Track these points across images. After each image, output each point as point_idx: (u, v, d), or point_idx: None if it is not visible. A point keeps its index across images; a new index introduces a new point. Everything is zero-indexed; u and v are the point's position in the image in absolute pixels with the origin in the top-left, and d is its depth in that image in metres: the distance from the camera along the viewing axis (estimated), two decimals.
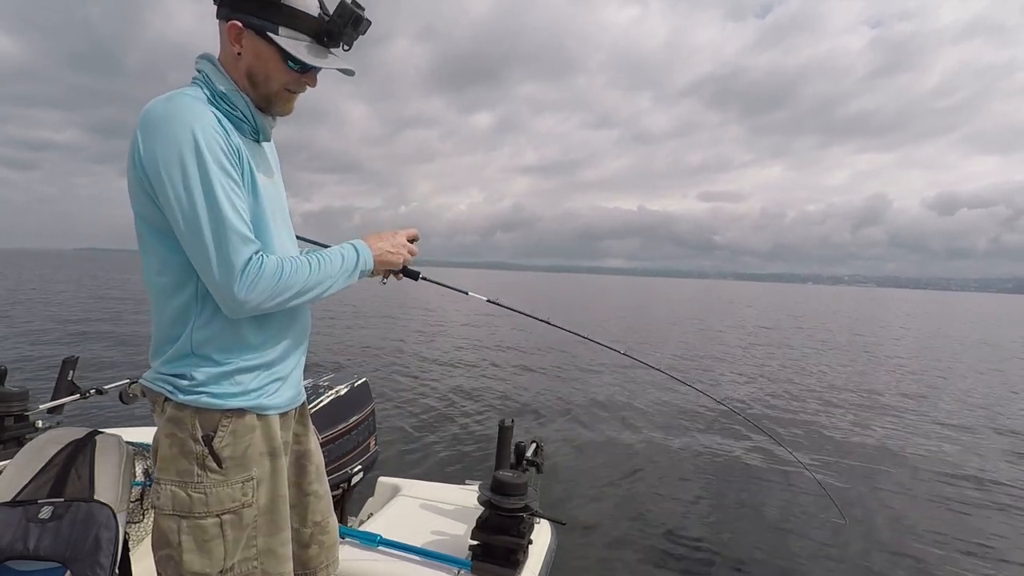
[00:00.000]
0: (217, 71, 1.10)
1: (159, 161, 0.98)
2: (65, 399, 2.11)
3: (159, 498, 1.08)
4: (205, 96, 1.07)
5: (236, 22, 1.06)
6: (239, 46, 1.08)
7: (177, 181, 0.98)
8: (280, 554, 1.16)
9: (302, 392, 1.29)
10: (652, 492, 4.55)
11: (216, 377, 1.08)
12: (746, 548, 3.65)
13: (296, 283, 1.06)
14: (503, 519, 1.67)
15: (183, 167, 0.98)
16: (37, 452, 1.36)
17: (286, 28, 1.06)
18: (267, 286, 1.02)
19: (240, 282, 1.00)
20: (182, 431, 1.07)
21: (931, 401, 8.66)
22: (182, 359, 1.08)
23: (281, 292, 1.05)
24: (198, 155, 0.98)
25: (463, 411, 6.76)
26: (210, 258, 0.99)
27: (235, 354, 1.10)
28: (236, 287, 1.00)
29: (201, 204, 0.98)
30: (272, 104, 1.16)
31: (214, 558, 1.07)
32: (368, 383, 2.59)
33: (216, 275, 0.99)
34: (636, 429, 6.37)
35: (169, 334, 1.09)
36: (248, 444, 1.11)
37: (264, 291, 1.02)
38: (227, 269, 0.99)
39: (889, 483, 4.96)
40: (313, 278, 1.09)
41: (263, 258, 1.03)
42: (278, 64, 1.10)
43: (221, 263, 0.99)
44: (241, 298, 1.00)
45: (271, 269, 1.03)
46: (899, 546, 3.75)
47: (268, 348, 1.15)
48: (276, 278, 1.04)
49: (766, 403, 8.01)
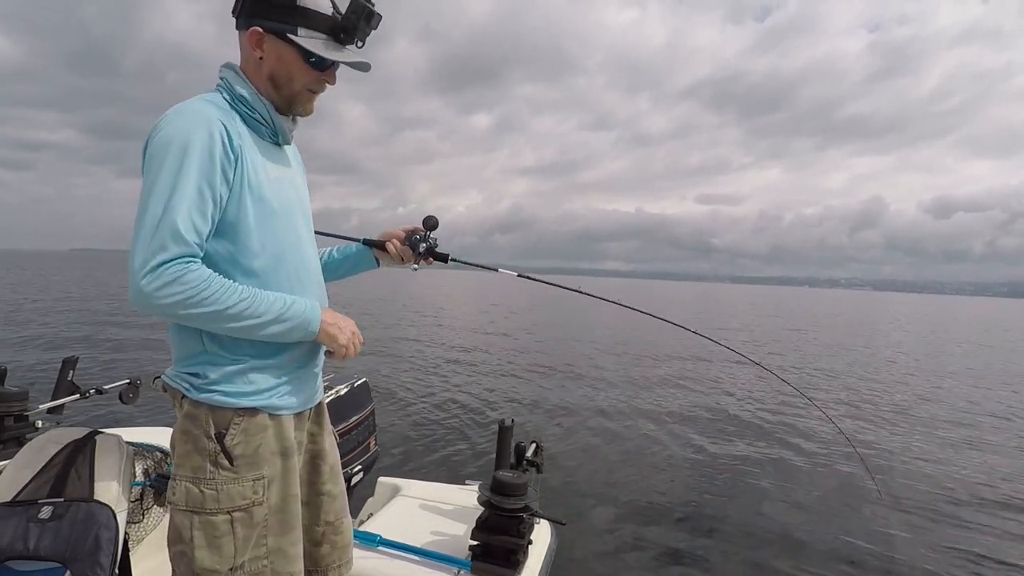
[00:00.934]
0: (238, 77, 1.15)
1: (151, 149, 1.03)
2: (65, 399, 2.11)
3: (174, 493, 1.10)
4: (225, 100, 1.12)
5: (256, 28, 1.11)
6: (260, 51, 1.12)
7: (154, 166, 1.01)
8: (290, 554, 1.16)
9: (319, 392, 1.29)
10: (653, 492, 4.54)
11: (229, 375, 1.10)
12: (747, 548, 3.64)
13: (215, 303, 1.02)
14: (503, 519, 1.67)
15: (164, 156, 1.01)
16: (37, 452, 1.36)
17: (304, 28, 1.10)
18: (178, 291, 0.98)
19: (148, 277, 0.97)
20: (196, 428, 1.10)
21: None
22: (196, 356, 1.11)
23: (194, 305, 1.00)
24: (184, 150, 1.01)
25: (463, 411, 6.76)
26: (136, 241, 0.99)
27: (246, 352, 1.11)
28: (143, 280, 0.97)
29: (158, 191, 0.99)
30: (295, 105, 1.20)
31: (224, 555, 1.08)
32: (368, 383, 2.60)
33: (133, 259, 0.98)
34: (637, 429, 6.37)
35: (183, 332, 1.11)
36: (260, 443, 1.12)
37: (173, 295, 0.98)
38: (143, 259, 0.98)
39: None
40: (240, 307, 1.04)
41: (190, 264, 1.00)
42: (299, 64, 1.14)
43: (141, 251, 0.98)
44: (145, 291, 0.98)
45: (194, 278, 1.00)
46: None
47: (283, 347, 1.15)
48: (194, 289, 0.99)
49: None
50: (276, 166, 1.18)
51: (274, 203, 1.14)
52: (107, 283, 30.06)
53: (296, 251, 1.19)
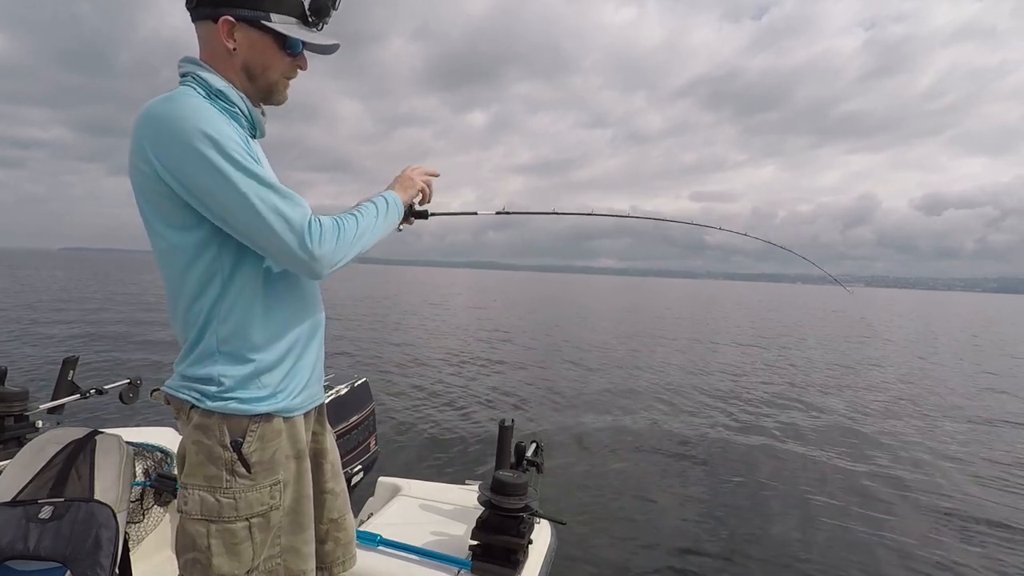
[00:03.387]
0: (208, 70, 1.08)
1: (182, 155, 0.97)
2: (65, 399, 2.11)
3: (186, 503, 1.07)
4: (201, 96, 1.06)
5: (228, 17, 1.06)
6: (232, 41, 1.08)
7: (208, 168, 0.97)
8: (303, 552, 1.16)
9: (321, 389, 1.29)
10: (653, 492, 4.54)
11: (242, 381, 1.07)
12: (748, 547, 3.64)
13: (351, 231, 1.08)
14: (503, 519, 1.67)
15: (207, 154, 0.96)
16: (37, 452, 1.36)
17: (276, 14, 1.08)
18: (332, 238, 1.04)
19: (312, 239, 1.01)
20: (209, 438, 1.06)
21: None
22: (207, 358, 1.07)
23: (347, 241, 1.07)
24: (216, 142, 0.97)
25: (463, 411, 6.76)
26: (272, 227, 0.99)
27: (258, 349, 1.09)
28: (312, 244, 1.00)
29: (241, 180, 0.98)
30: (272, 95, 1.17)
31: (243, 560, 1.07)
32: (368, 383, 2.60)
33: (286, 240, 0.99)
34: (637, 429, 6.37)
35: (194, 335, 1.08)
36: (276, 448, 1.11)
37: (332, 243, 1.04)
38: (297, 230, 1.00)
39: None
40: (362, 225, 1.12)
41: (316, 216, 1.05)
42: (275, 52, 1.11)
43: (286, 227, 0.99)
44: (319, 254, 1.01)
45: (328, 223, 1.05)
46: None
47: (290, 342, 1.14)
48: (336, 230, 1.05)
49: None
50: (258, 159, 1.15)
51: None
52: (107, 283, 30.06)
53: None
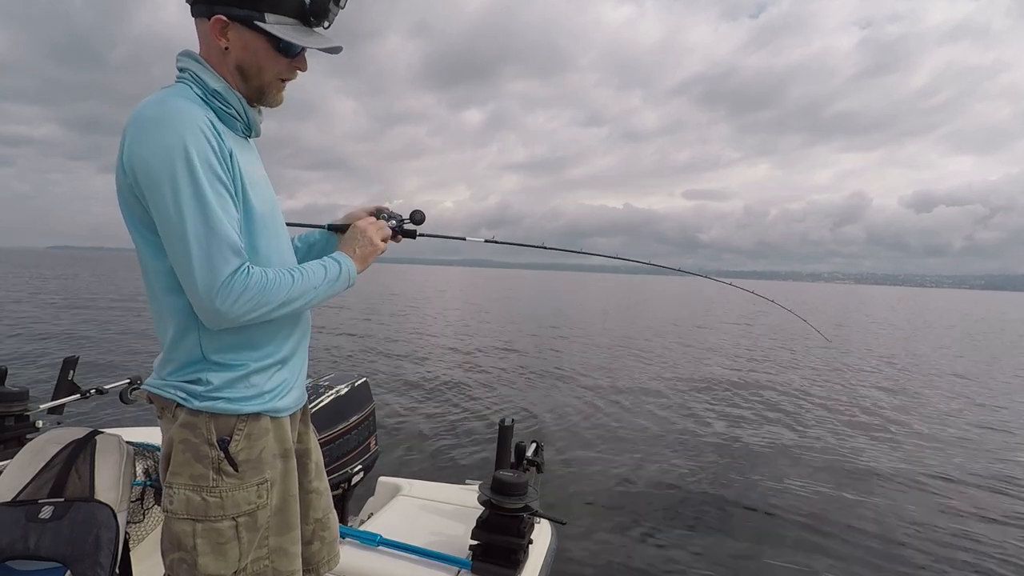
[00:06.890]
0: (206, 68, 1.07)
1: (149, 167, 0.96)
2: (65, 399, 2.11)
3: (172, 502, 1.07)
4: (197, 95, 1.05)
5: (220, 16, 1.03)
6: (225, 40, 1.05)
7: (166, 189, 0.95)
8: (291, 552, 1.16)
9: (305, 391, 1.30)
10: (654, 491, 4.54)
11: (232, 381, 1.07)
12: (748, 547, 3.64)
13: (279, 295, 1.04)
14: (503, 519, 1.67)
15: (173, 175, 0.95)
16: (37, 452, 1.36)
17: (272, 14, 1.04)
18: (251, 297, 1.00)
19: (222, 294, 0.97)
20: (196, 436, 1.06)
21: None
22: (194, 365, 1.07)
23: (264, 304, 1.03)
24: (189, 163, 0.95)
25: (463, 411, 6.76)
26: (193, 268, 0.96)
27: (247, 356, 1.09)
28: (219, 299, 0.97)
29: (190, 212, 0.95)
30: (265, 96, 1.14)
31: (229, 560, 1.07)
32: (368, 383, 2.59)
33: (199, 286, 0.97)
34: (637, 428, 6.37)
35: (177, 342, 1.07)
36: (263, 447, 1.11)
37: (247, 302, 1.00)
38: (211, 281, 0.97)
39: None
40: (296, 290, 1.07)
41: (250, 269, 1.01)
42: (269, 53, 1.08)
43: (206, 274, 0.96)
44: (223, 310, 0.98)
45: (256, 280, 1.01)
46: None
47: (278, 348, 1.15)
48: (261, 290, 1.01)
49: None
50: (254, 165, 1.14)
51: (259, 206, 1.10)
52: (108, 282, 30.05)
53: (279, 252, 1.17)
